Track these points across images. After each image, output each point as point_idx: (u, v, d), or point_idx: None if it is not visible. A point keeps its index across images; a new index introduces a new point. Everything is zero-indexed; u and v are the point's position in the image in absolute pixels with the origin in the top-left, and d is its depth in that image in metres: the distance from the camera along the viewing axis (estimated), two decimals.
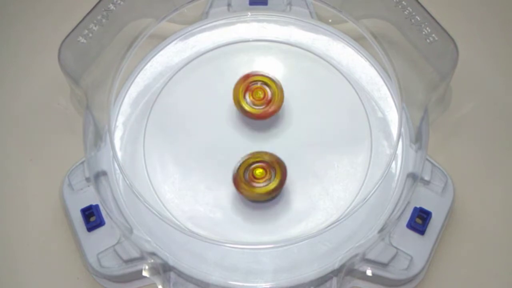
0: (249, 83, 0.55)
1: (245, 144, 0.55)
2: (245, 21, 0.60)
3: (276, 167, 0.52)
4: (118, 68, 0.55)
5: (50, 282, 0.53)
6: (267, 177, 0.52)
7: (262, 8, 0.60)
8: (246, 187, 0.51)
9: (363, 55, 0.58)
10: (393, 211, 0.52)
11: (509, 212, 0.54)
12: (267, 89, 0.55)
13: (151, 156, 0.55)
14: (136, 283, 0.52)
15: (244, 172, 0.52)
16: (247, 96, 0.54)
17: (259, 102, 0.54)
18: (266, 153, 0.53)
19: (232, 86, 0.55)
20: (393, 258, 0.51)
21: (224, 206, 0.53)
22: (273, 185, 0.51)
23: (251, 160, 0.52)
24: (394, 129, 0.55)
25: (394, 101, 0.56)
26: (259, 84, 0.55)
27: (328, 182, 0.54)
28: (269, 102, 0.54)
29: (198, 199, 0.53)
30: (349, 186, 0.53)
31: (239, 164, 0.52)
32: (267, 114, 0.54)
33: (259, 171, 0.52)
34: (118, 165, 0.53)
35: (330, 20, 0.60)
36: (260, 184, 0.52)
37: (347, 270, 0.51)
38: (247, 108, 0.54)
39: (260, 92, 0.54)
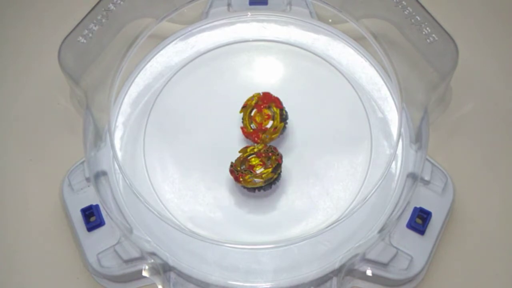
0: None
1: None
2: (245, 21, 0.60)
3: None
4: (118, 68, 0.55)
5: (50, 282, 0.53)
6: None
7: (262, 8, 0.60)
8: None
9: (363, 55, 0.58)
10: (393, 211, 0.52)
11: (509, 212, 0.54)
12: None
13: (151, 156, 0.55)
14: (136, 283, 0.52)
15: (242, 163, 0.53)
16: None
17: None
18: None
19: (232, 86, 0.55)
20: (393, 258, 0.50)
21: (224, 206, 0.53)
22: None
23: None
24: (394, 129, 0.55)
25: (394, 101, 0.56)
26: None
27: (328, 182, 0.54)
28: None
29: (198, 199, 0.53)
30: (349, 186, 0.53)
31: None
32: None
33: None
34: (118, 165, 0.52)
35: (330, 20, 0.60)
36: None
37: (347, 270, 0.51)
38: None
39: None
